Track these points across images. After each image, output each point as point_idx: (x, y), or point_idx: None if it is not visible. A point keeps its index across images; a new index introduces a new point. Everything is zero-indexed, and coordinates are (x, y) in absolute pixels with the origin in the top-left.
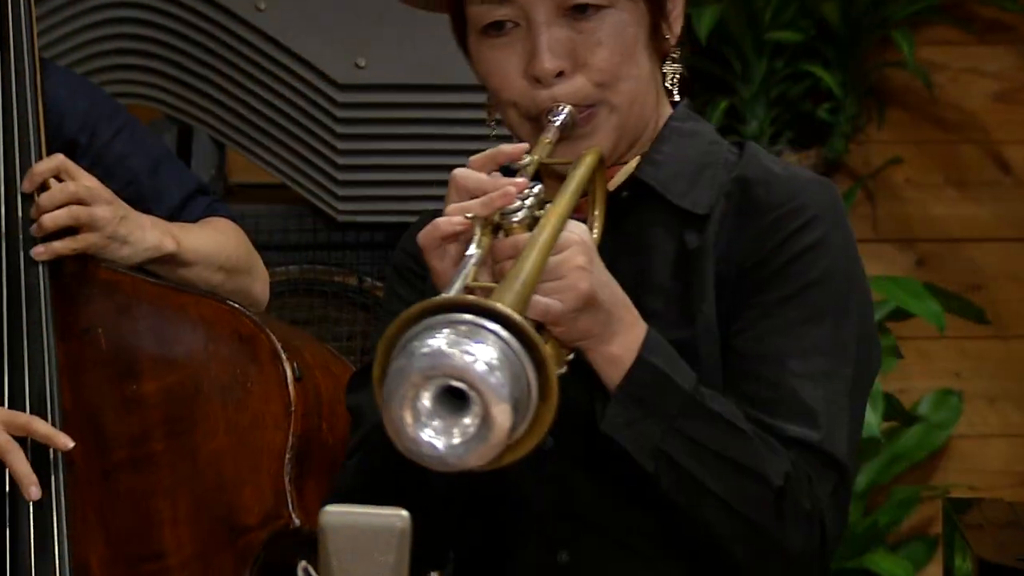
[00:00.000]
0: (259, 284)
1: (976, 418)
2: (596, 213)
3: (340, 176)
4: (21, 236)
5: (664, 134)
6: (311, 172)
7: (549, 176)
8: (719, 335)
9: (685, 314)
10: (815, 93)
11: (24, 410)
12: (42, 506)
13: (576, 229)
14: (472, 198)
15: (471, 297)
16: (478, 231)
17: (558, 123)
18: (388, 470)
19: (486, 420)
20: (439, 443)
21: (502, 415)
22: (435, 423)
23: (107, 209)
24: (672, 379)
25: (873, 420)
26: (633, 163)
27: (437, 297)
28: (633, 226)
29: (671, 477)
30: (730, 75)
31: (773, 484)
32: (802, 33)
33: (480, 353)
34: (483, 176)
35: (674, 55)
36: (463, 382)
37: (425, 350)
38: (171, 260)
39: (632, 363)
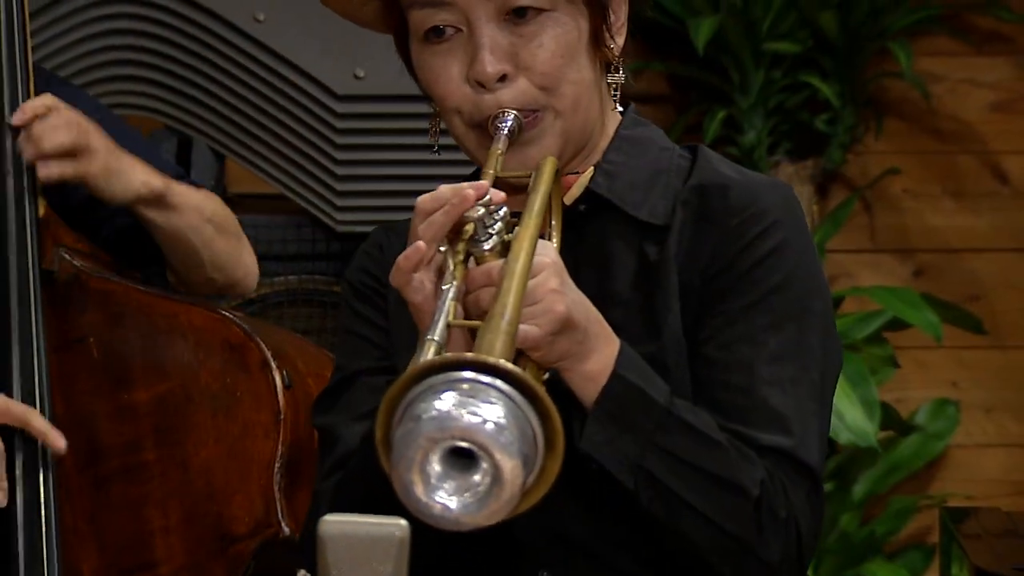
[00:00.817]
0: (248, 256)
1: (973, 428)
2: (554, 223)
3: (339, 186)
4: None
5: (614, 143)
6: (310, 182)
7: (502, 188)
8: (686, 345)
9: (649, 326)
10: (813, 103)
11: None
12: (32, 515)
13: (546, 251)
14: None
15: (469, 355)
16: (451, 263)
17: (505, 130)
18: (370, 493)
19: (497, 478)
20: (452, 504)
21: (513, 472)
22: (446, 485)
23: (102, 139)
24: (647, 393)
25: (870, 429)
26: (587, 176)
27: (438, 357)
28: (592, 239)
29: (650, 493)
30: (728, 85)
31: (751, 494)
32: (800, 44)
33: (487, 413)
34: (440, 194)
35: (617, 66)
36: (472, 443)
37: (433, 413)
38: (161, 203)
39: (607, 379)
